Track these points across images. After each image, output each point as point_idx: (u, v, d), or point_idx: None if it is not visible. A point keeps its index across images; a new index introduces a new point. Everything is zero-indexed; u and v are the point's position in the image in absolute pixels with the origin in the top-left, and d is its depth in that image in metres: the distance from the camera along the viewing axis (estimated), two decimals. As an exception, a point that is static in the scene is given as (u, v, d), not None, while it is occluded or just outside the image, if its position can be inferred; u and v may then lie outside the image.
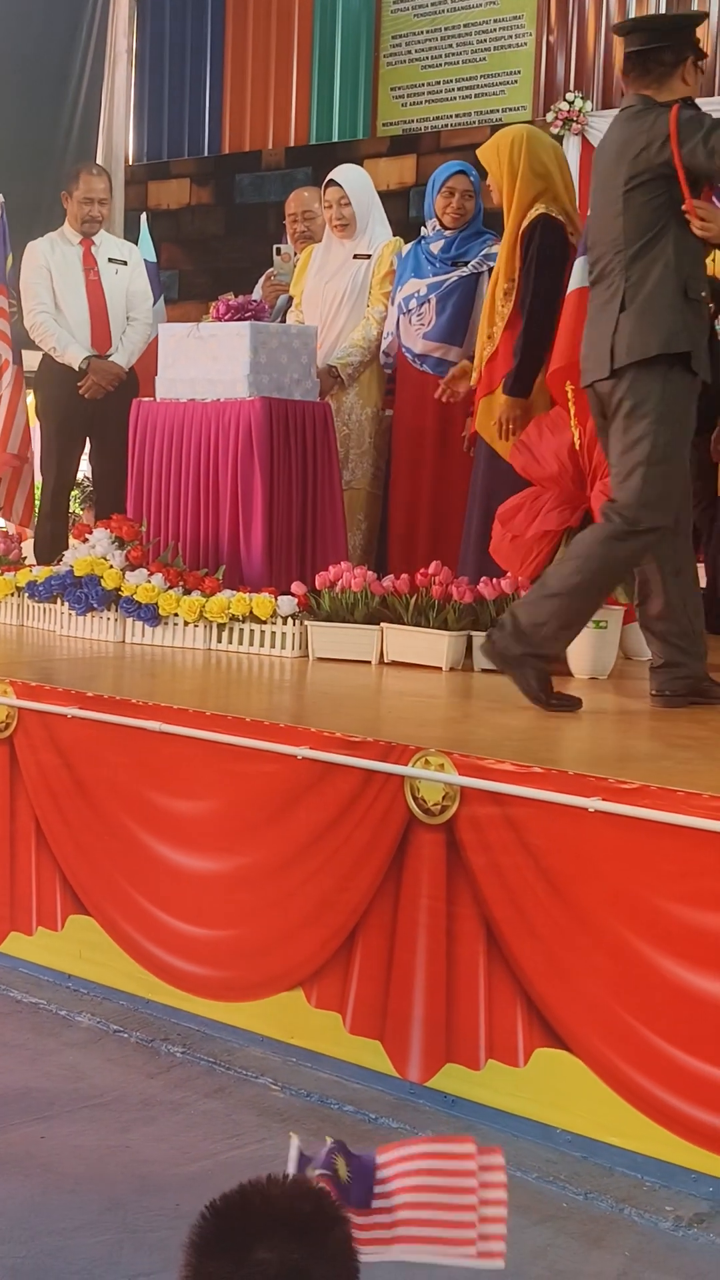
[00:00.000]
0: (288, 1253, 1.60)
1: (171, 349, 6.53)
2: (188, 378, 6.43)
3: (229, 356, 6.29)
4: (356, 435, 7.02)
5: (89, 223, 7.63)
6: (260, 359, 6.28)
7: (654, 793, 3.48)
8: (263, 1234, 1.61)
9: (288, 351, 6.41)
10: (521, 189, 5.99)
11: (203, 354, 6.38)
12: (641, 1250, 3.20)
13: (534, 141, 6.10)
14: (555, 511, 5.30)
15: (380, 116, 12.53)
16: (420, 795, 3.84)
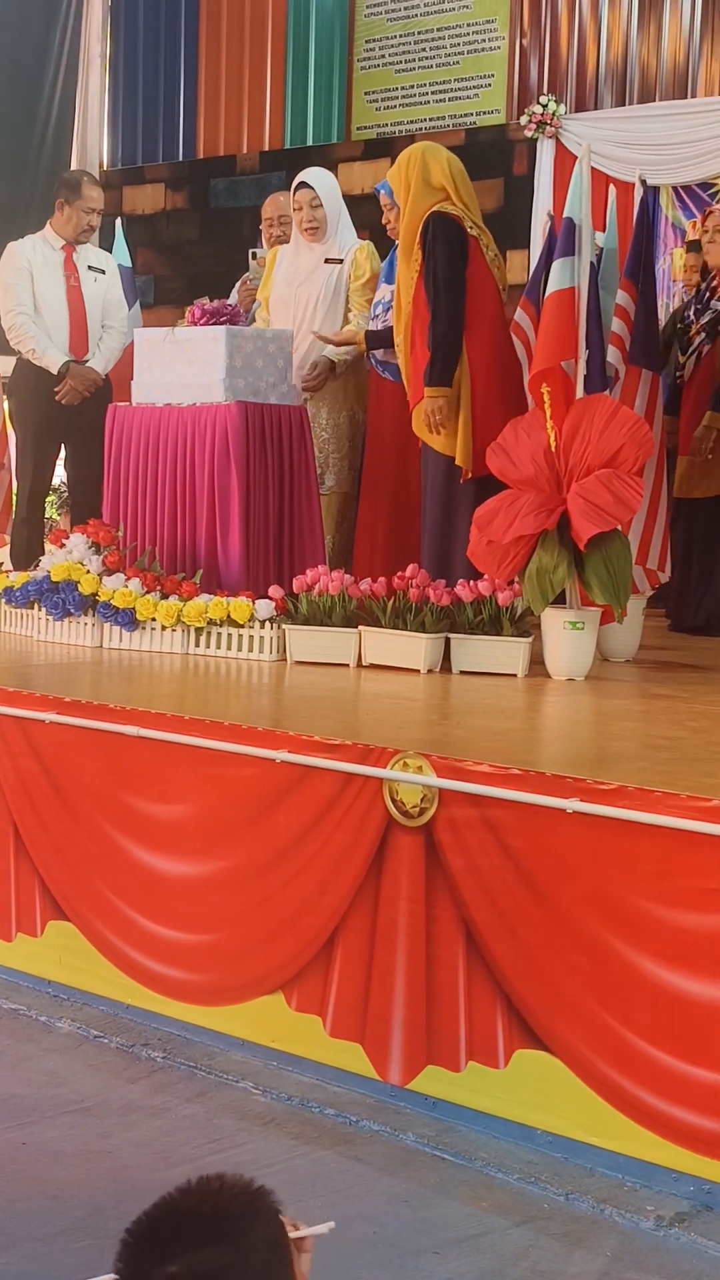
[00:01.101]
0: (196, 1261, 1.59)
1: (147, 353, 6.52)
2: (163, 382, 6.42)
3: (204, 361, 6.29)
4: (336, 440, 7.03)
5: (85, 231, 7.66)
6: (236, 363, 6.27)
7: (631, 793, 3.49)
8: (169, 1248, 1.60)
9: (263, 355, 6.41)
10: (415, 199, 6.15)
11: (178, 358, 6.38)
12: (623, 1250, 3.20)
13: (429, 155, 6.24)
14: (532, 515, 5.31)
15: (354, 120, 12.54)
16: (399, 798, 3.84)
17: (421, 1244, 3.20)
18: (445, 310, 5.99)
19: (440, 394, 5.99)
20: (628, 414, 5.42)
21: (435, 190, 6.12)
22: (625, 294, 6.26)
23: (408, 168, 6.18)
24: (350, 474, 7.07)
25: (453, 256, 5.99)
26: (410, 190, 6.13)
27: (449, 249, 5.99)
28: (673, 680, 5.72)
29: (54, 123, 12.83)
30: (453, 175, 6.17)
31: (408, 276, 6.14)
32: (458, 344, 6.00)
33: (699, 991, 3.34)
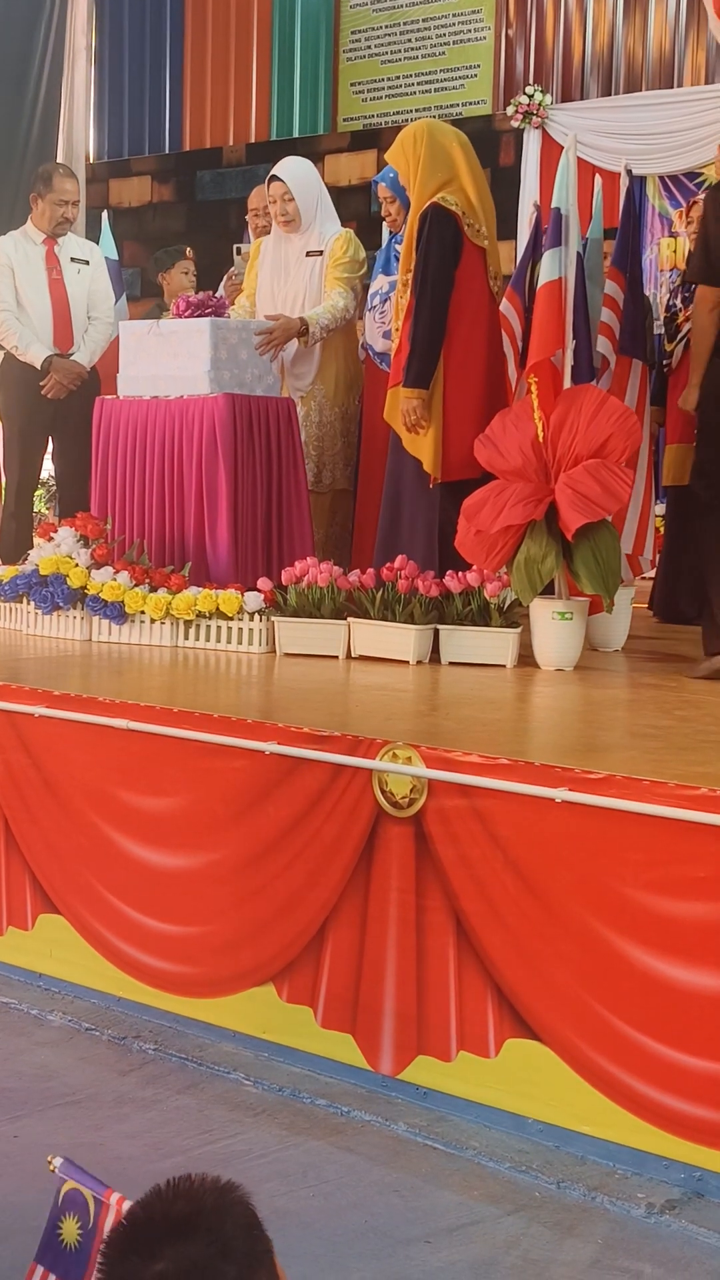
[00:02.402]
0: (184, 1254, 1.61)
1: (132, 346, 6.51)
2: (149, 375, 6.42)
3: (189, 353, 6.28)
4: (330, 438, 7.01)
5: (61, 224, 7.63)
6: (220, 355, 6.27)
7: (620, 782, 3.49)
8: (152, 1247, 1.62)
9: (247, 347, 6.40)
10: (424, 180, 6.01)
11: (163, 351, 6.37)
12: (614, 1238, 3.21)
13: (435, 132, 6.11)
14: (520, 505, 5.31)
15: (340, 112, 12.56)
16: (388, 789, 3.85)
17: (413, 1233, 3.20)
18: (428, 311, 5.94)
19: (416, 395, 5.94)
20: (616, 404, 5.42)
21: (445, 167, 6.01)
22: (614, 284, 6.26)
23: (415, 145, 6.05)
24: (346, 470, 7.05)
25: (444, 257, 5.92)
26: (419, 167, 6.02)
27: (441, 249, 5.92)
28: (661, 670, 5.73)
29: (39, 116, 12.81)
30: (463, 151, 6.06)
31: (408, 257, 6.08)
32: (437, 346, 5.94)
33: (688, 979, 3.35)
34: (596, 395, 5.41)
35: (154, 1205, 1.69)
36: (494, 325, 6.25)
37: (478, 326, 6.06)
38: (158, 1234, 1.64)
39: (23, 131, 12.64)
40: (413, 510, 6.09)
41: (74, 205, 7.70)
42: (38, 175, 7.82)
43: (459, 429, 5.92)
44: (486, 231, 6.06)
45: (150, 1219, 1.67)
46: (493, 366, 6.16)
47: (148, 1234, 1.65)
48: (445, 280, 5.90)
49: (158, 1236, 1.64)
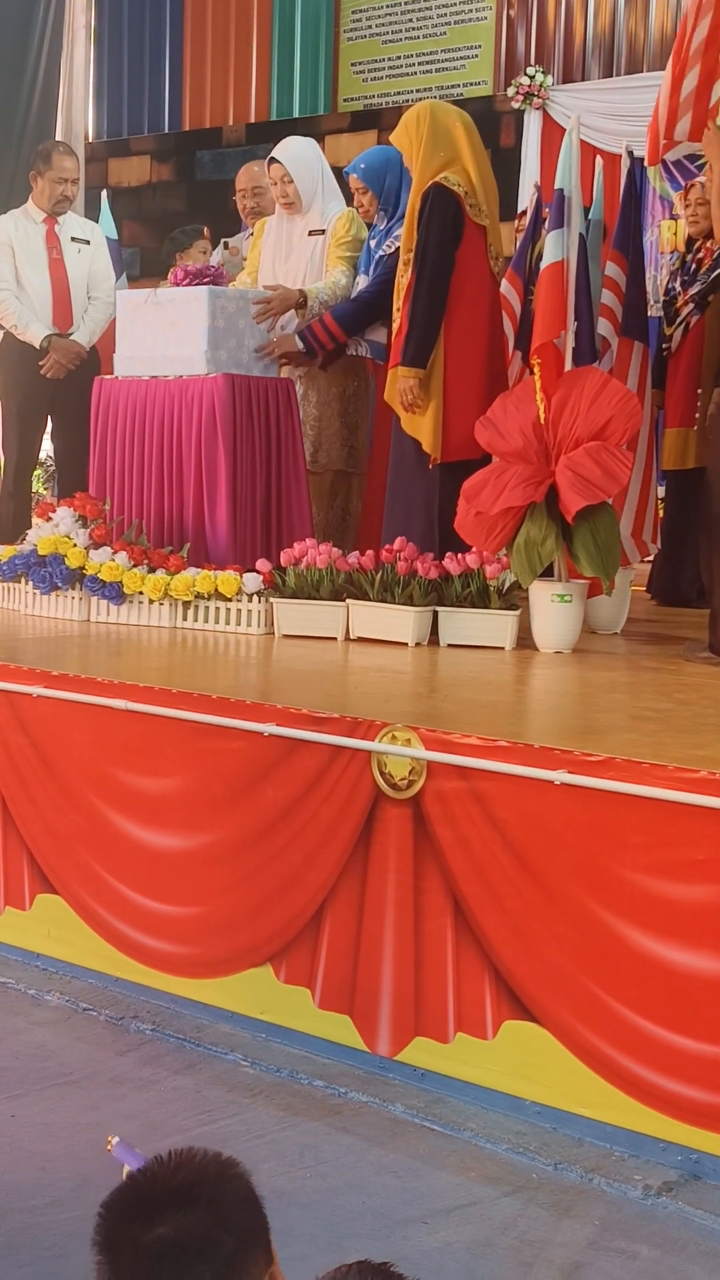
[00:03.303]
0: (180, 1221, 1.62)
1: (129, 315, 6.47)
2: (146, 352, 6.38)
3: (187, 322, 6.25)
4: (327, 418, 6.98)
5: (61, 202, 7.60)
6: (219, 324, 6.23)
7: (619, 765, 3.49)
8: (153, 1213, 1.63)
9: (246, 317, 6.37)
10: (425, 159, 5.96)
11: (161, 320, 6.33)
12: (611, 1219, 3.22)
13: (438, 112, 6.06)
14: (520, 487, 5.30)
15: (341, 92, 12.51)
16: (387, 770, 3.85)
17: (410, 1214, 3.21)
18: (427, 290, 5.89)
19: (413, 374, 5.90)
20: (617, 386, 5.41)
21: (447, 147, 5.96)
22: (615, 266, 6.24)
23: (418, 125, 5.99)
24: (343, 451, 7.01)
25: (444, 237, 5.88)
26: (421, 147, 5.97)
27: (441, 228, 5.87)
28: (660, 653, 5.72)
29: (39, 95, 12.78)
30: (466, 131, 6.02)
31: (409, 237, 6.05)
32: (435, 326, 5.90)
33: (686, 962, 3.35)
34: (598, 378, 5.40)
35: (155, 1173, 1.70)
36: (495, 306, 6.23)
37: (479, 307, 6.03)
38: (159, 1200, 1.65)
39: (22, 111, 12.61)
40: (412, 491, 6.07)
41: (73, 183, 7.67)
42: (37, 153, 7.80)
43: (459, 410, 5.90)
44: (488, 211, 6.03)
45: (152, 1185, 1.68)
46: (494, 347, 6.14)
47: (148, 1200, 1.66)
48: (445, 259, 5.88)
49: (159, 1203, 1.65)
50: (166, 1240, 1.60)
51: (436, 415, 5.91)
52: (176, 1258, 1.60)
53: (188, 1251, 1.61)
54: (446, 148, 5.96)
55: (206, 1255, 1.62)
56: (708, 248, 7.59)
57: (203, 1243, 1.62)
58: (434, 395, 5.90)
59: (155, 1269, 1.60)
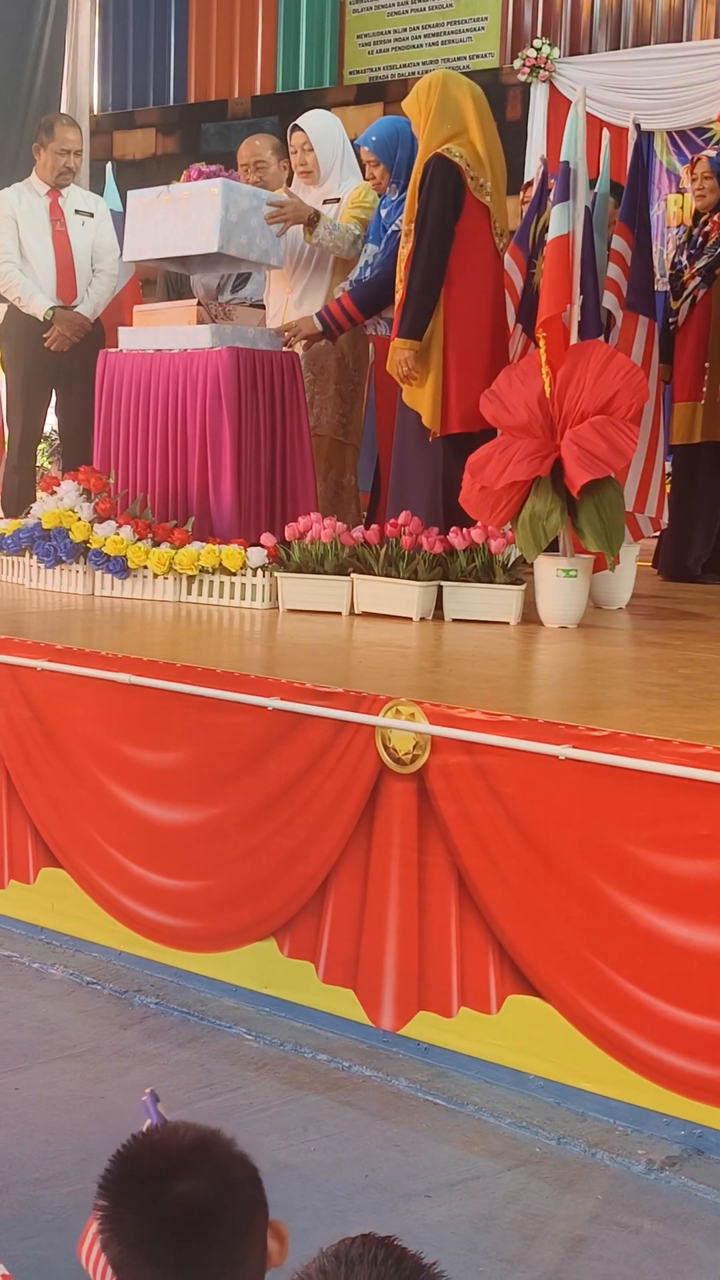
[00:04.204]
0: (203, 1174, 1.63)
1: (140, 213, 6.41)
2: (154, 245, 6.34)
3: (199, 215, 6.21)
4: (320, 383, 6.95)
5: (64, 174, 7.57)
6: (231, 217, 6.19)
7: (624, 740, 3.48)
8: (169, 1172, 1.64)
9: (258, 216, 6.33)
10: (432, 130, 5.93)
11: (173, 215, 6.28)
12: (614, 1194, 3.22)
13: (449, 83, 6.03)
14: (525, 461, 5.28)
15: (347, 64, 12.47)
16: (391, 745, 3.84)
17: (413, 1188, 3.21)
18: (424, 262, 5.88)
19: (408, 345, 5.89)
20: (623, 360, 5.39)
21: (455, 119, 5.93)
22: (621, 239, 6.22)
23: (428, 94, 5.96)
24: (335, 418, 6.99)
25: (444, 208, 5.86)
26: (429, 117, 5.94)
27: (441, 200, 5.86)
28: (665, 628, 5.72)
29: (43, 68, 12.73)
30: (475, 104, 5.99)
31: (411, 208, 6.02)
32: (432, 298, 5.89)
33: (690, 937, 3.35)
34: (603, 351, 5.38)
35: (158, 1135, 1.71)
36: (498, 281, 6.20)
37: (482, 282, 6.01)
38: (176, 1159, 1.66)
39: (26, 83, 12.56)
40: (416, 465, 6.06)
41: (76, 154, 7.64)
42: (40, 125, 7.77)
43: (461, 384, 5.89)
44: (492, 188, 6.00)
45: (164, 1146, 1.69)
46: (496, 322, 6.12)
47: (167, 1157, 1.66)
48: (444, 231, 5.85)
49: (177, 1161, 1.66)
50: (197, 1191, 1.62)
51: (436, 389, 5.90)
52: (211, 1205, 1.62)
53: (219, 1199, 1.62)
54: (454, 120, 5.93)
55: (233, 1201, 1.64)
56: (715, 221, 7.56)
57: (228, 1190, 1.64)
58: (433, 370, 5.89)
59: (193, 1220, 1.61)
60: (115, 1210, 1.64)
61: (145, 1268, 1.61)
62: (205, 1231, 1.61)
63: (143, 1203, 1.63)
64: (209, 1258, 1.60)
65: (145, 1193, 1.63)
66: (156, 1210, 1.61)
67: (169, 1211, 1.61)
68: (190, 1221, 1.61)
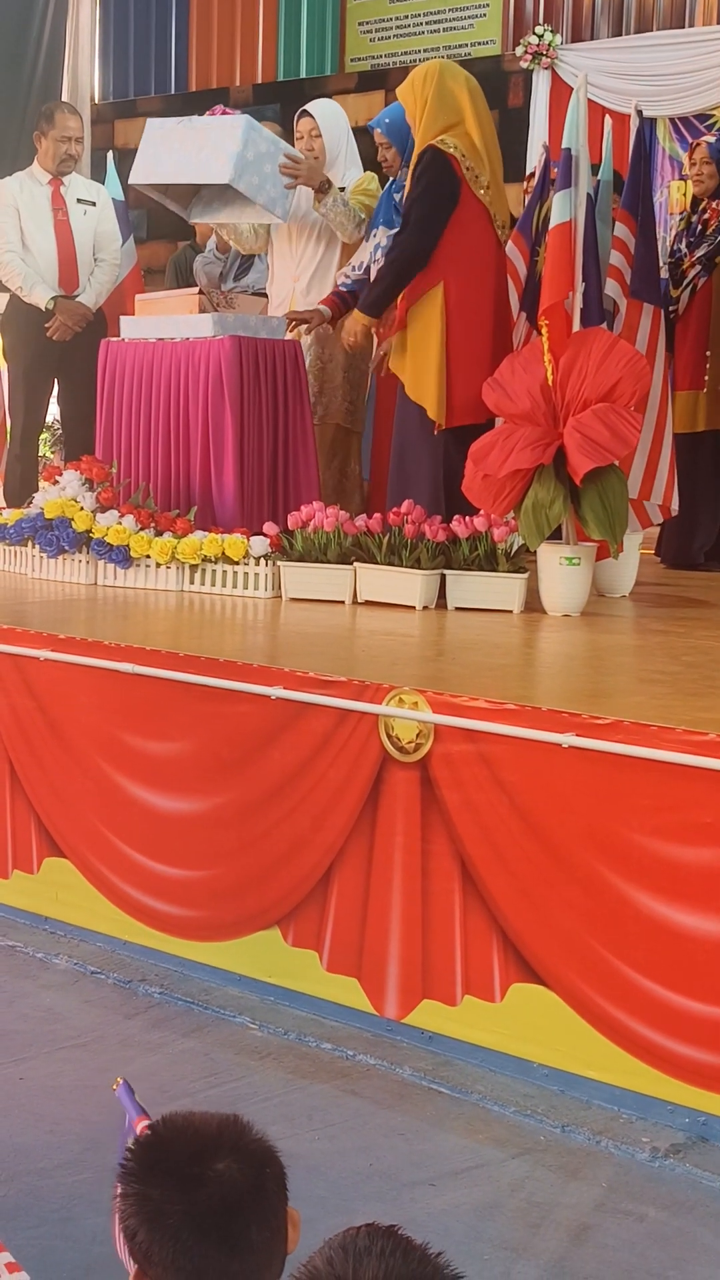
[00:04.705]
0: (237, 1155, 1.64)
1: (156, 139, 6.38)
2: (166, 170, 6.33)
3: (217, 146, 6.19)
4: (331, 370, 6.95)
5: (66, 161, 7.54)
6: (248, 155, 6.17)
7: (627, 728, 3.48)
8: (204, 1152, 1.64)
9: (273, 163, 6.32)
10: (429, 121, 5.92)
11: (190, 143, 6.26)
12: (619, 1181, 3.22)
13: (445, 74, 6.00)
14: (528, 449, 5.28)
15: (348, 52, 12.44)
16: (394, 733, 3.84)
17: (418, 1176, 3.22)
18: (404, 250, 5.91)
19: (365, 321, 6.01)
20: (625, 348, 5.38)
21: (451, 111, 5.91)
22: (623, 226, 6.20)
23: (424, 84, 5.95)
24: (344, 405, 6.98)
25: (435, 199, 5.84)
26: (425, 108, 5.92)
27: (433, 191, 5.84)
28: (669, 616, 5.71)
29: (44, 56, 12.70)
30: (471, 96, 5.96)
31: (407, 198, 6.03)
32: (402, 286, 5.91)
33: (694, 925, 3.35)
34: (606, 339, 5.37)
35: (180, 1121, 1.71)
36: (500, 272, 6.17)
37: (483, 274, 5.98)
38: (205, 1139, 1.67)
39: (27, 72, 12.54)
40: (418, 456, 6.05)
41: (78, 142, 7.61)
42: (40, 114, 7.75)
43: (462, 375, 5.88)
44: (489, 179, 5.96)
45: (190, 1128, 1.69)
46: (499, 313, 6.10)
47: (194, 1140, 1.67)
48: (430, 225, 5.84)
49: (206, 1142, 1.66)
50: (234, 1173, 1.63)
51: (440, 383, 5.88)
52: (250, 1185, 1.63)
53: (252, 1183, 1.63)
54: (451, 111, 5.91)
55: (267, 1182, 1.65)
56: (714, 208, 7.53)
57: (257, 1174, 1.65)
58: (435, 362, 5.87)
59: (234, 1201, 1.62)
60: (146, 1194, 1.64)
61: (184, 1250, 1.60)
62: (246, 1210, 1.62)
63: (181, 1185, 1.63)
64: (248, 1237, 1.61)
65: (182, 1175, 1.63)
66: (198, 1191, 1.61)
67: (211, 1190, 1.61)
68: (232, 1200, 1.62)
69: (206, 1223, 1.61)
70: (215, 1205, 1.61)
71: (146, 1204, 1.63)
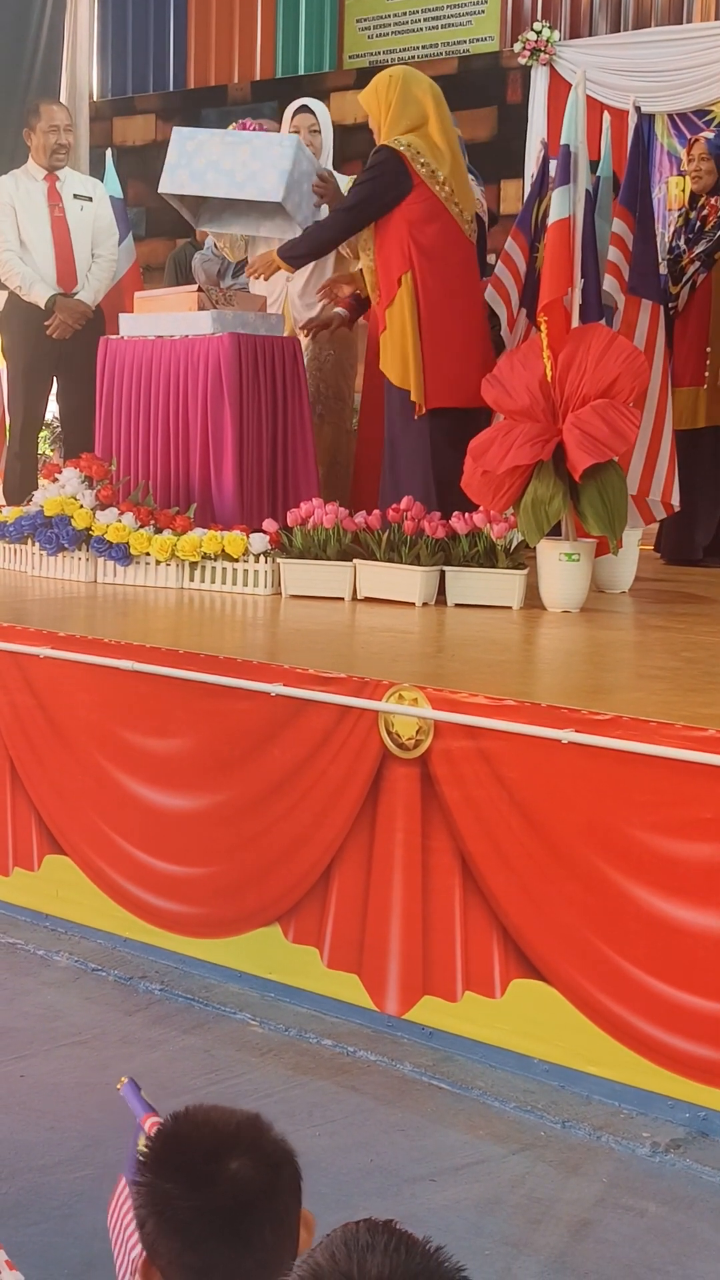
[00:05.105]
0: (254, 1155, 1.64)
1: (190, 149, 6.44)
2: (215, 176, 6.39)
3: (264, 163, 6.26)
4: (327, 370, 6.96)
5: (58, 152, 7.51)
6: (294, 174, 6.25)
7: (626, 724, 3.48)
8: (220, 1153, 1.64)
9: (309, 181, 6.40)
10: (391, 124, 6.06)
11: (235, 157, 6.31)
12: (619, 1176, 3.22)
13: (409, 80, 6.14)
14: (527, 445, 5.28)
15: (346, 49, 12.43)
16: (394, 730, 3.84)
17: (419, 1172, 3.22)
18: (334, 219, 6.14)
19: (274, 264, 6.20)
20: (624, 344, 5.38)
21: (415, 115, 6.02)
22: (621, 222, 6.20)
23: (389, 90, 6.08)
24: (338, 404, 7.00)
25: (375, 186, 6.00)
26: (389, 112, 6.04)
27: (376, 179, 6.00)
28: (668, 611, 5.72)
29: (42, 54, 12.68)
30: (435, 101, 6.07)
31: None
32: (322, 246, 6.23)
33: (694, 920, 3.35)
34: (604, 335, 5.37)
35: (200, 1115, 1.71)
36: (468, 261, 6.21)
37: (450, 261, 6.05)
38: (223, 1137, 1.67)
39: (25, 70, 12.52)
40: (407, 445, 6.09)
41: (67, 130, 7.59)
42: (27, 111, 7.74)
43: (436, 358, 5.96)
44: (446, 175, 6.01)
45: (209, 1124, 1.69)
46: (469, 300, 6.17)
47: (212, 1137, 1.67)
48: (364, 205, 6.02)
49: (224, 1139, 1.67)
50: (249, 1172, 1.63)
51: (418, 366, 5.96)
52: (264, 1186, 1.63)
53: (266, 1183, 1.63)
54: (415, 115, 6.05)
55: (281, 1184, 1.65)
56: (712, 204, 7.52)
57: (272, 1175, 1.65)
58: (411, 350, 5.94)
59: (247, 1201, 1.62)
60: (159, 1187, 1.64)
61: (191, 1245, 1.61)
62: (257, 1210, 1.62)
63: (194, 1181, 1.63)
64: (258, 1237, 1.61)
65: (196, 1171, 1.63)
66: (211, 1189, 1.62)
67: (224, 1189, 1.61)
68: (244, 1200, 1.62)
69: (216, 1220, 1.61)
70: (226, 1203, 1.61)
71: (158, 1196, 1.63)
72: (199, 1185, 1.62)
